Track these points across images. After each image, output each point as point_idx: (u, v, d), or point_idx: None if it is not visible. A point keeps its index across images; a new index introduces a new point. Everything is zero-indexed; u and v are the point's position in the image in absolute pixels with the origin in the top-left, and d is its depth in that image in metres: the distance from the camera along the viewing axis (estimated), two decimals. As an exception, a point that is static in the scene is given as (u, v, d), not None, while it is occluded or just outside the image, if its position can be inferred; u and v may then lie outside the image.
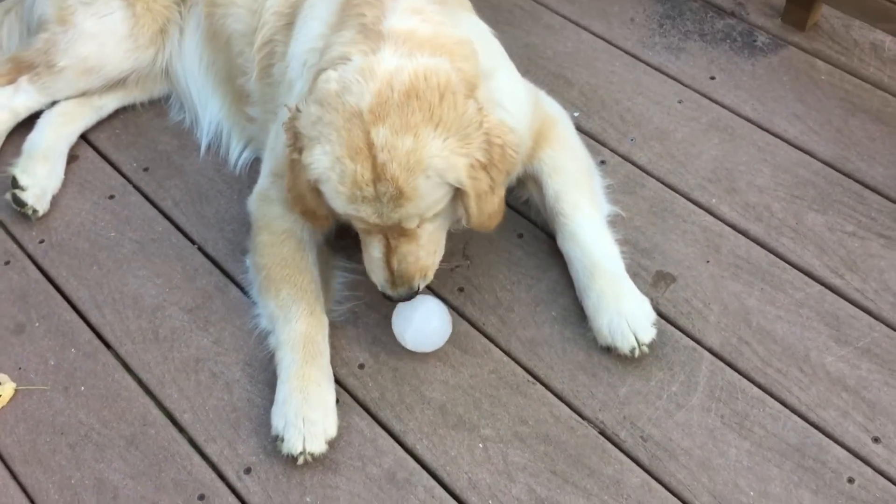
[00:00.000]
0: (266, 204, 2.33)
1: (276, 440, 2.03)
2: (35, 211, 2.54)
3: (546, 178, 2.31)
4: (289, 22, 2.33)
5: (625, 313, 2.13)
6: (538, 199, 2.36)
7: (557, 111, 2.45)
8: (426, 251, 2.06)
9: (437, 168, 1.90)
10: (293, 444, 2.01)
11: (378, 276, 2.08)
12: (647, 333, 2.13)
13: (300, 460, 2.01)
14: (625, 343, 2.12)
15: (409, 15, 1.99)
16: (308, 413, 2.03)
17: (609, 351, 2.16)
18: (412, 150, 1.87)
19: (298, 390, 2.06)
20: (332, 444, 2.04)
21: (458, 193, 2.00)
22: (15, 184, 2.55)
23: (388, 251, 2.03)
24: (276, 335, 2.17)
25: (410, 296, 2.09)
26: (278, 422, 2.05)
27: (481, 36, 2.24)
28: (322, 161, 1.92)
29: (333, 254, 2.37)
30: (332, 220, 2.15)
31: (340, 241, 2.36)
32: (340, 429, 2.08)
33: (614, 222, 2.38)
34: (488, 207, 2.04)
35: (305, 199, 2.07)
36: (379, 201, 1.91)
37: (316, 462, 2.03)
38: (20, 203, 2.53)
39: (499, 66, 2.21)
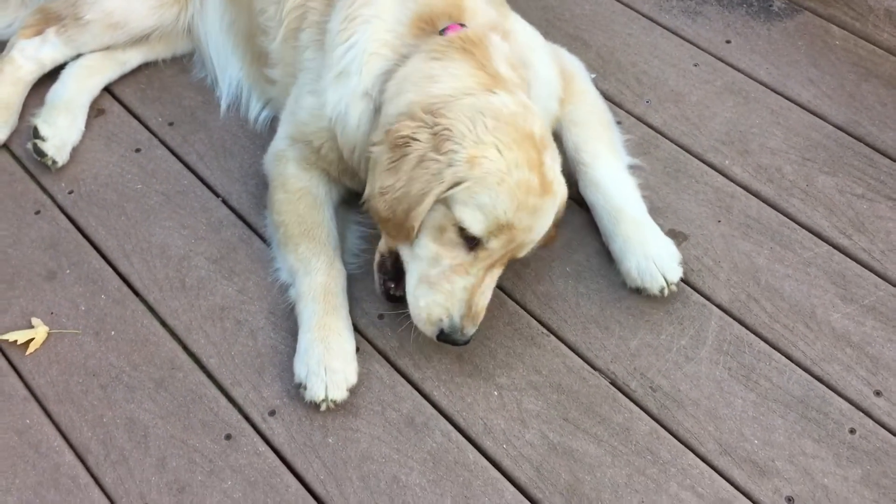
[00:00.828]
0: (282, 163, 2.39)
1: (299, 388, 2.11)
2: (55, 161, 2.60)
3: (565, 131, 2.38)
4: None
5: (651, 255, 2.22)
6: (560, 153, 2.42)
7: (575, 66, 2.52)
8: (492, 290, 2.12)
9: (564, 196, 2.13)
10: (316, 391, 2.09)
11: (458, 310, 2.03)
12: (675, 272, 2.22)
13: (322, 407, 2.10)
14: (654, 284, 2.21)
15: (512, 70, 2.12)
16: (330, 362, 2.11)
17: (639, 292, 2.25)
18: (559, 178, 2.08)
19: (320, 340, 2.13)
20: (352, 390, 2.13)
21: None
22: (36, 134, 2.61)
23: (475, 285, 2.04)
24: (297, 287, 2.24)
25: (469, 339, 2.08)
26: (301, 370, 2.13)
27: (522, 35, 2.33)
28: (497, 164, 1.96)
29: (349, 209, 2.44)
30: (412, 237, 2.05)
31: (358, 197, 2.43)
32: (361, 376, 2.16)
33: (629, 180, 2.44)
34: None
35: (419, 201, 1.98)
36: (535, 216, 2.00)
37: (337, 407, 2.12)
38: (40, 153, 2.60)
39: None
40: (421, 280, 2.05)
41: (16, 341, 2.27)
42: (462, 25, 2.15)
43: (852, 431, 2.04)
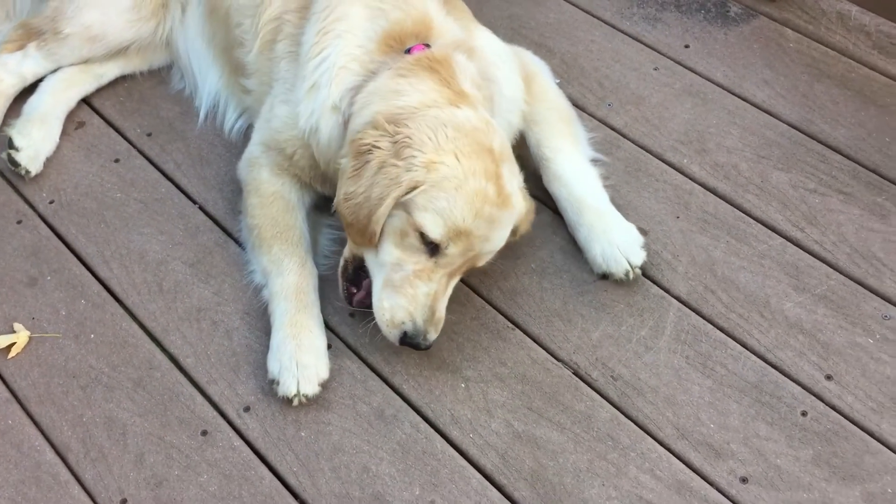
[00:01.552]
0: (255, 169, 2.47)
1: (272, 384, 2.18)
2: (28, 171, 2.68)
3: (527, 130, 2.48)
4: (303, 5, 2.44)
5: (615, 242, 2.32)
6: (524, 152, 2.51)
7: (538, 66, 2.63)
8: (448, 298, 2.17)
9: (521, 212, 2.19)
10: (288, 386, 2.16)
11: (421, 314, 2.10)
12: (638, 256, 2.32)
13: (295, 402, 2.16)
14: (619, 268, 2.31)
15: (476, 89, 2.20)
16: (301, 357, 2.18)
17: (605, 278, 2.35)
18: (516, 192, 2.14)
19: (292, 337, 2.20)
20: (324, 385, 2.19)
21: None
22: (11, 144, 2.69)
23: (437, 292, 2.11)
24: (270, 288, 2.31)
25: (430, 345, 2.14)
26: (273, 366, 2.19)
27: (487, 51, 2.40)
28: (455, 170, 2.03)
29: (321, 213, 2.52)
30: (374, 242, 2.12)
31: (329, 202, 2.51)
32: (332, 371, 2.23)
33: (590, 179, 2.52)
34: None
35: (379, 205, 2.05)
36: (492, 225, 2.08)
37: (310, 402, 2.19)
38: (14, 163, 2.67)
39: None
40: (385, 284, 2.13)
41: (-2, 346, 2.35)
42: (427, 46, 2.24)
43: (804, 414, 2.12)
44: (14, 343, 2.35)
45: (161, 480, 2.10)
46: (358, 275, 2.25)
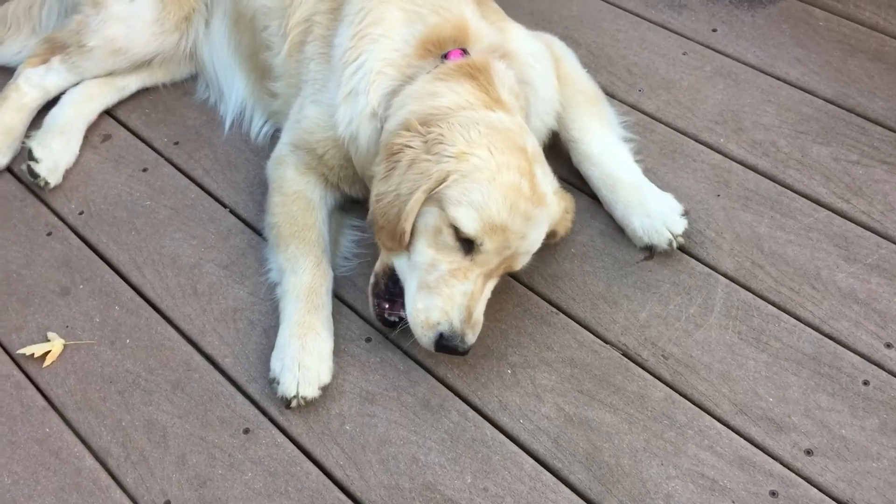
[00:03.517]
0: (282, 167, 2.45)
1: (272, 383, 2.13)
2: (47, 183, 2.67)
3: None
4: (334, 7, 2.42)
5: (654, 213, 2.27)
6: (555, 140, 2.48)
7: (562, 50, 2.59)
8: (486, 301, 2.11)
9: (555, 214, 2.15)
10: (287, 387, 2.10)
11: (457, 314, 2.02)
12: (679, 224, 2.28)
13: (293, 403, 2.10)
14: (661, 239, 2.26)
15: (514, 98, 2.19)
16: (304, 359, 2.11)
17: (650, 251, 2.30)
18: (551, 193, 2.10)
19: (297, 337, 2.14)
20: (325, 389, 2.12)
21: None
22: (30, 156, 2.68)
23: (474, 292, 2.04)
24: (283, 286, 2.27)
25: (468, 349, 2.06)
26: (276, 365, 2.14)
27: (522, 53, 2.36)
28: (487, 161, 1.99)
29: (345, 214, 2.49)
30: (405, 242, 2.05)
31: (355, 203, 2.48)
32: (374, 364, 2.18)
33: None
34: None
35: (408, 200, 2.01)
36: (528, 223, 2.02)
37: (352, 394, 2.13)
38: (33, 174, 2.67)
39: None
40: (420, 286, 2.06)
41: (32, 355, 2.30)
42: (464, 51, 2.21)
43: (866, 383, 2.04)
44: (49, 351, 2.31)
45: (205, 480, 2.04)
46: (391, 292, 2.18)
